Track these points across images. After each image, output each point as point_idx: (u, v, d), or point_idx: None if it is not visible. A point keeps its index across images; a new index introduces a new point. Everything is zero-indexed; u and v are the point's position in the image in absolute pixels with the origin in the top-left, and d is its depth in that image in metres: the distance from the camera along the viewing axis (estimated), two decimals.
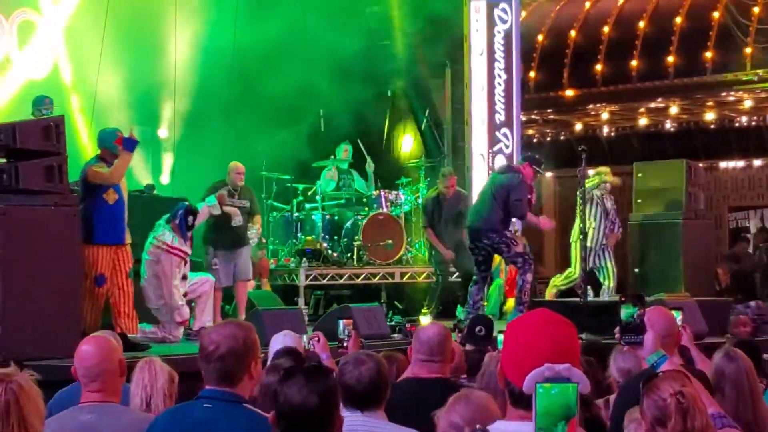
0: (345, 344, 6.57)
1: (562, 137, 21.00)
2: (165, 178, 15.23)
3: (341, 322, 6.65)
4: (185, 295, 11.09)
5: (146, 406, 4.88)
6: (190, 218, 10.96)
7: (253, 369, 4.07)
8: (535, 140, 21.20)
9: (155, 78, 15.17)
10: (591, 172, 13.69)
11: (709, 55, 17.17)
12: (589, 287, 13.29)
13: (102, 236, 9.87)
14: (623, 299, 3.98)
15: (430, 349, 5.32)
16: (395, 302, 15.82)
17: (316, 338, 6.42)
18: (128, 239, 10.15)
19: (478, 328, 8.09)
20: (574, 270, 13.44)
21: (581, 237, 12.80)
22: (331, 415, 3.50)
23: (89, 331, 9.09)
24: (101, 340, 4.75)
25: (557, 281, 14.13)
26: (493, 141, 16.40)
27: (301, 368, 3.57)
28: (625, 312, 3.90)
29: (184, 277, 11.12)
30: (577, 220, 13.27)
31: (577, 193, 12.61)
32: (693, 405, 3.58)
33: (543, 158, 13.03)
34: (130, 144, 9.94)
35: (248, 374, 4.05)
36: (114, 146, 9.93)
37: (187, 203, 11.34)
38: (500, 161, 15.94)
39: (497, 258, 14.84)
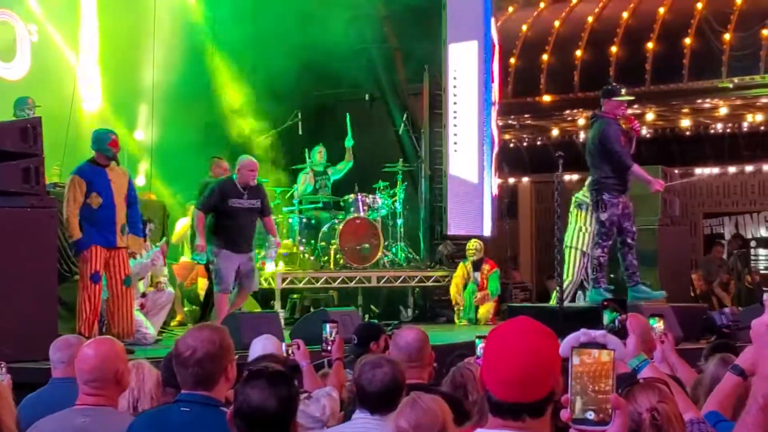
0: (329, 347, 6.58)
1: (539, 142, 21.06)
2: (140, 181, 15.17)
3: (327, 325, 6.66)
4: (141, 307, 11.15)
5: (132, 410, 4.87)
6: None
7: (229, 371, 4.09)
8: (512, 145, 21.25)
9: (131, 80, 15.13)
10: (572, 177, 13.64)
11: (685, 62, 17.25)
12: (580, 292, 13.31)
13: (90, 239, 9.82)
14: (605, 304, 4.00)
15: (409, 354, 5.33)
16: (371, 306, 15.84)
17: (296, 346, 6.41)
18: (122, 243, 10.05)
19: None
20: (568, 275, 13.30)
21: (567, 242, 12.79)
22: (288, 420, 3.57)
23: (85, 330, 9.13)
24: (104, 345, 4.71)
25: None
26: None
27: (265, 372, 3.62)
28: (607, 317, 3.90)
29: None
30: (571, 225, 13.24)
31: (555, 197, 12.56)
32: (667, 422, 3.61)
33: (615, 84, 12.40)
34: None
35: (224, 377, 4.07)
36: (107, 149, 9.88)
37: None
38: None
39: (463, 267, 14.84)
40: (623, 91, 11.99)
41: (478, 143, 16.24)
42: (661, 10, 17.88)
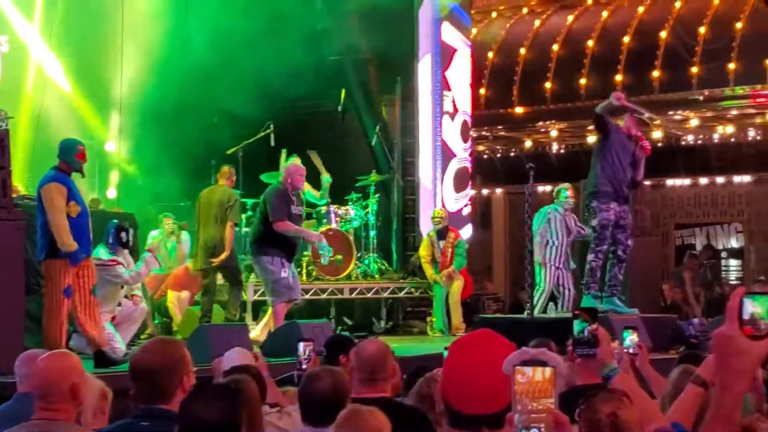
0: (304, 366, 6.53)
1: (512, 154, 21.12)
2: (111, 193, 15.11)
3: (301, 344, 6.60)
4: (113, 319, 11.10)
5: (75, 422, 4.82)
6: (123, 234, 10.91)
7: (185, 384, 4.08)
8: (485, 156, 21.31)
9: (102, 91, 15.08)
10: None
11: (656, 74, 17.35)
12: (551, 304, 13.32)
13: (77, 250, 9.65)
14: (576, 314, 4.01)
15: (371, 367, 5.28)
16: (344, 318, 15.80)
17: (254, 357, 6.37)
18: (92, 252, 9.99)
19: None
20: (540, 285, 13.30)
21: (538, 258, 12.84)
22: None
23: (54, 344, 9.01)
24: (58, 359, 4.66)
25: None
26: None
27: (209, 385, 3.63)
28: (576, 326, 3.92)
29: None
30: (537, 238, 13.24)
31: (526, 208, 12.58)
32: (626, 427, 3.64)
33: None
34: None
35: (181, 389, 4.06)
36: (74, 160, 9.71)
37: (116, 221, 11.27)
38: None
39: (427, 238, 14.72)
40: (646, 114, 12.13)
41: (432, 153, 16.28)
42: (633, 22, 17.99)
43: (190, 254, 13.93)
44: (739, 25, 16.61)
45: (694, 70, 17.00)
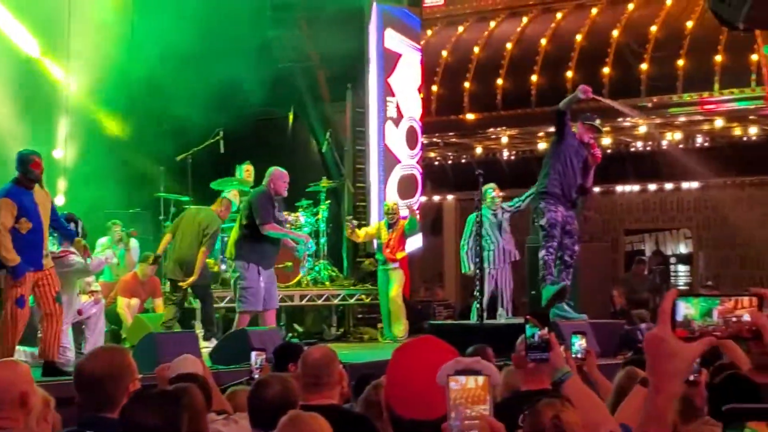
0: (256, 375, 6.51)
1: (463, 160, 21.18)
2: (59, 200, 14.96)
3: (253, 354, 6.58)
4: (79, 312, 11.10)
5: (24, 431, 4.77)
6: (72, 225, 10.82)
7: (131, 392, 4.05)
8: (436, 163, 21.35)
9: (50, 97, 14.94)
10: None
11: (605, 81, 17.47)
12: (501, 309, 13.30)
13: (23, 265, 9.56)
14: (527, 318, 4.03)
15: (317, 373, 5.26)
16: (294, 325, 15.76)
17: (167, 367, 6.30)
18: (48, 263, 9.87)
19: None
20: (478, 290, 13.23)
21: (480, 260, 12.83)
22: None
23: (5, 354, 8.94)
24: (6, 368, 4.60)
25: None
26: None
27: (148, 392, 3.63)
28: (527, 331, 3.94)
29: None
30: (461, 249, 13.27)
31: (475, 215, 12.63)
32: (569, 430, 3.67)
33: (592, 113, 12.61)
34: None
35: (127, 397, 4.03)
36: (29, 170, 9.66)
37: (65, 213, 11.22)
38: None
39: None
40: (598, 121, 12.19)
41: (377, 158, 16.26)
42: (582, 29, 18.12)
43: (139, 260, 13.85)
44: (687, 33, 16.77)
45: (643, 77, 17.14)
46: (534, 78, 18.24)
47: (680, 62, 16.81)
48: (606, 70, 17.52)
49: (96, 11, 15.36)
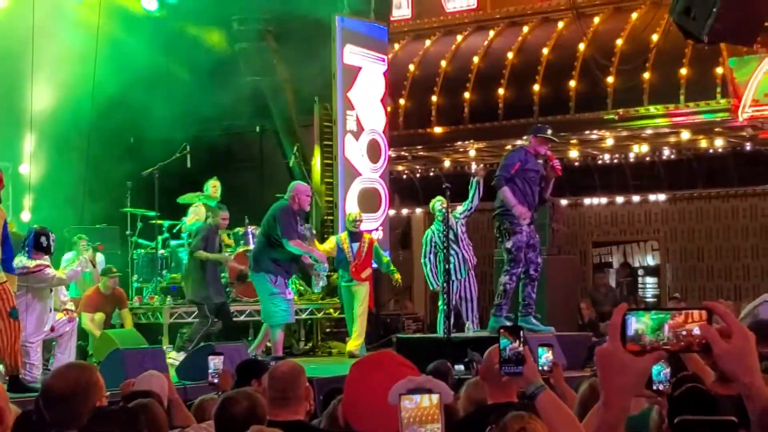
0: (215, 381, 6.50)
1: (431, 173, 21.20)
2: (26, 216, 14.87)
3: (210, 359, 6.56)
4: (52, 329, 11.03)
5: None
6: (43, 239, 10.75)
7: (92, 409, 4.02)
8: (405, 176, 21.36)
9: (14, 113, 14.85)
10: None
11: (572, 94, 17.55)
12: (468, 322, 13.27)
13: None
14: (501, 331, 4.03)
15: (283, 388, 5.23)
16: None
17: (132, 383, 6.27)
18: (2, 279, 9.80)
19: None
20: (441, 307, 13.19)
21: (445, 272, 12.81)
22: None
23: None
24: None
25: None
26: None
27: (115, 408, 3.61)
28: (501, 344, 3.94)
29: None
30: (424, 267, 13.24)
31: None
32: None
33: (542, 124, 12.54)
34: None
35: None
36: None
37: (36, 227, 11.14)
38: None
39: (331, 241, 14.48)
40: (549, 131, 12.17)
41: (339, 173, 16.22)
42: (548, 42, 18.20)
43: (101, 273, 13.79)
44: (653, 45, 16.87)
45: (609, 90, 17.22)
46: (501, 91, 18.30)
47: (646, 75, 16.91)
48: (572, 83, 17.60)
49: (61, 29, 15.31)
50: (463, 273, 13.42)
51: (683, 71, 16.61)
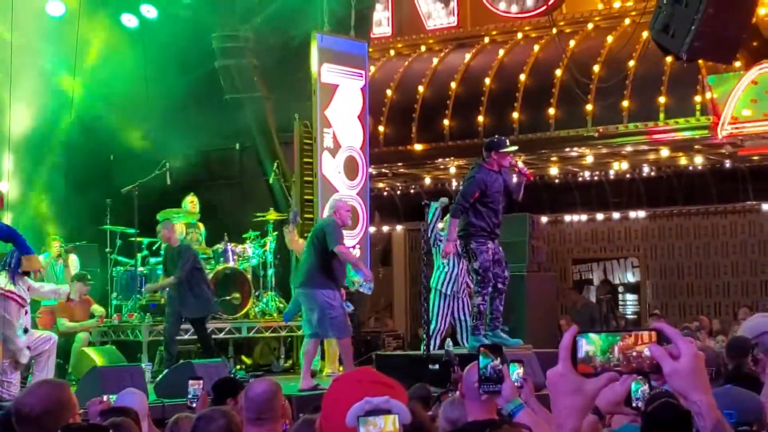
0: (193, 404, 6.45)
1: (412, 190, 21.22)
2: None
3: (191, 383, 6.52)
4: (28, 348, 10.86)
5: None
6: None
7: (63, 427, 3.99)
8: (385, 194, 21.37)
9: None
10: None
11: (552, 111, 17.60)
12: (449, 340, 13.18)
13: None
14: (481, 349, 4.02)
15: (259, 406, 5.19)
16: (242, 357, 15.65)
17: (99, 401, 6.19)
18: None
19: None
20: (433, 320, 12.92)
21: (432, 283, 12.76)
22: None
23: None
24: None
25: None
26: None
27: (86, 425, 3.58)
28: (481, 362, 3.94)
29: (26, 330, 10.84)
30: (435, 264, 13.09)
31: (422, 245, 12.54)
32: None
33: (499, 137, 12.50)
34: None
35: None
36: None
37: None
38: None
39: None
40: (507, 141, 12.12)
41: (320, 190, 16.16)
42: (528, 60, 18.26)
43: (72, 279, 13.73)
44: (631, 63, 16.95)
45: (589, 107, 17.27)
46: (481, 109, 18.33)
47: (625, 92, 16.96)
48: (552, 100, 17.64)
49: (40, 47, 15.28)
50: (461, 291, 13.26)
51: (662, 89, 16.68)
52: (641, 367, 2.10)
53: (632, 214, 20.27)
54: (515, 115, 17.96)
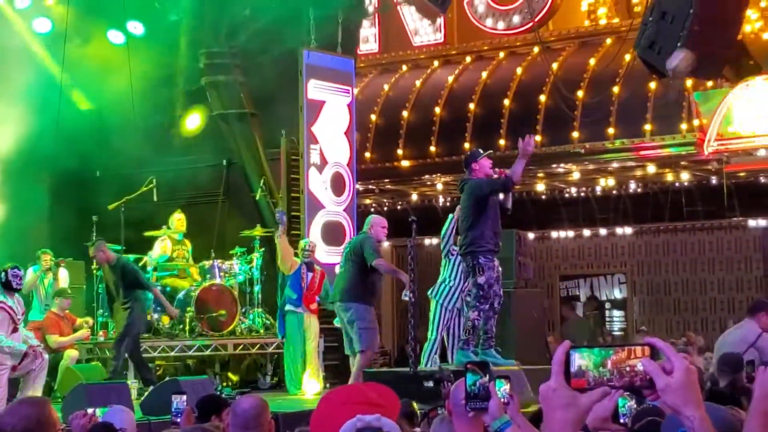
0: (177, 419, 6.44)
1: (399, 207, 21.20)
2: None
3: (174, 398, 6.51)
4: (14, 368, 10.92)
5: None
6: (15, 282, 10.72)
7: None
8: (372, 210, 21.34)
9: None
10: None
11: (538, 128, 17.60)
12: (436, 356, 13.12)
13: None
14: (468, 366, 4.01)
15: (246, 422, 5.19)
16: (229, 374, 15.60)
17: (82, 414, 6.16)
18: None
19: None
20: (432, 332, 12.80)
21: (431, 293, 12.74)
22: None
23: None
24: None
25: None
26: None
27: None
28: (468, 379, 3.91)
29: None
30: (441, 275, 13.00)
31: (408, 261, 12.44)
32: None
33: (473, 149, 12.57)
34: None
35: None
36: None
37: (9, 264, 11.12)
38: None
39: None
40: (481, 150, 12.18)
41: (306, 206, 16.13)
42: (515, 77, 18.29)
43: (55, 294, 13.70)
44: (616, 90, 16.94)
45: (575, 123, 17.29)
46: (468, 125, 18.34)
47: (612, 108, 16.99)
48: (539, 117, 17.65)
49: (26, 63, 15.27)
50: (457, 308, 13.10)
51: (648, 105, 16.72)
52: (634, 381, 2.09)
53: (619, 230, 20.29)
54: (501, 132, 17.94)
